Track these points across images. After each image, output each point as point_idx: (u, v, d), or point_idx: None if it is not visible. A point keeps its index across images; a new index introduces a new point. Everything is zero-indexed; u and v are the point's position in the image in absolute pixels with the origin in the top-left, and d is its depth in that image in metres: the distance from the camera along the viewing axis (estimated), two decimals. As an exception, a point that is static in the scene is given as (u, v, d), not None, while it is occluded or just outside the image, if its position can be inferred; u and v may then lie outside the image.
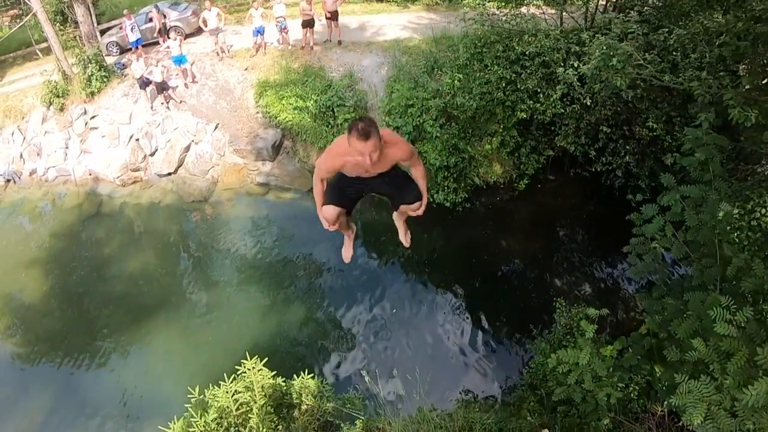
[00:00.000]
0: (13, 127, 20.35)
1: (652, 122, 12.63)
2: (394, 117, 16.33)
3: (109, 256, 16.74)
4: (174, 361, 13.81)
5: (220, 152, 18.73)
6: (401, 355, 13.26)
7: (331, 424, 7.83)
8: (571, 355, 7.36)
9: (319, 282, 15.04)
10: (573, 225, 16.03)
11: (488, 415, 7.41)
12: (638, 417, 7.75)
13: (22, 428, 12.99)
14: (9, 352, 14.61)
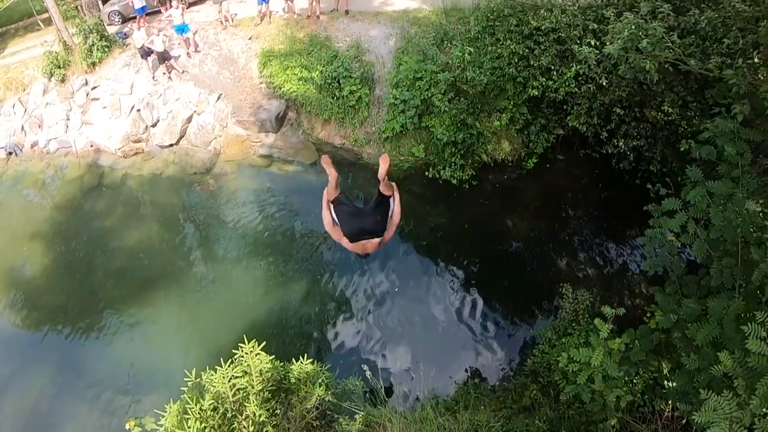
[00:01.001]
0: (14, 99, 20.12)
1: (667, 106, 12.20)
2: (401, 90, 15.99)
3: (111, 229, 16.64)
4: (174, 336, 13.81)
5: (222, 123, 18.41)
6: (403, 331, 13.20)
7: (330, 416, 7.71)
8: (583, 355, 7.15)
9: (321, 255, 14.93)
10: (580, 206, 15.75)
11: (495, 417, 7.22)
12: (645, 417, 7.60)
13: (24, 400, 13.07)
14: (11, 325, 14.65)
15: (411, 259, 14.65)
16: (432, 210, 15.66)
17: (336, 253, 14.76)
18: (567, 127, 14.97)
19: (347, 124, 17.16)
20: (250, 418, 7.12)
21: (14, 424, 12.77)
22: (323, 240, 15.13)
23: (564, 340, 10.25)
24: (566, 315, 10.95)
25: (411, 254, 14.76)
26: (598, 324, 7.22)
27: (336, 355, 12.97)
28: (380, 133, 16.59)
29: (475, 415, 7.14)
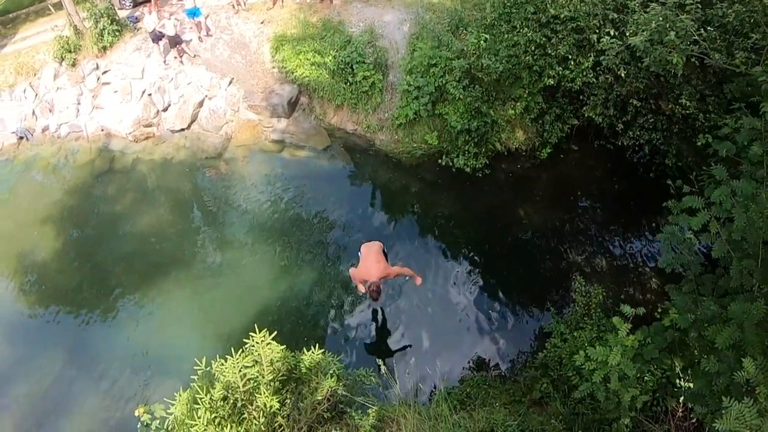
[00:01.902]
0: (25, 83, 20.10)
1: (685, 99, 11.92)
2: (415, 76, 15.79)
3: (122, 213, 16.65)
4: (185, 321, 13.83)
5: (234, 108, 18.30)
6: (414, 319, 13.13)
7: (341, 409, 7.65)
8: (600, 353, 7.03)
9: (332, 241, 14.85)
10: (593, 198, 15.55)
11: (510, 415, 7.15)
12: (658, 417, 7.50)
13: (35, 384, 13.17)
14: (23, 309, 14.74)
15: (422, 248, 14.54)
16: (444, 198, 15.52)
17: (347, 239, 14.71)
18: (582, 118, 14.71)
19: (360, 110, 17.00)
20: (260, 409, 7.07)
21: (26, 407, 12.86)
22: (335, 226, 15.10)
23: (576, 334, 10.15)
24: (578, 309, 10.84)
25: (423, 242, 14.65)
26: (617, 323, 7.09)
27: (347, 344, 12.92)
28: (393, 119, 16.41)
29: (492, 413, 7.04)
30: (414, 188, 15.85)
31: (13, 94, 20.00)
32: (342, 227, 15.05)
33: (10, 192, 17.82)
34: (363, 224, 15.06)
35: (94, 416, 12.48)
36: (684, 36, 8.81)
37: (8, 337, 14.26)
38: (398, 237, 14.82)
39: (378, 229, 14.95)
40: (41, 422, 12.51)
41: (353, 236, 14.74)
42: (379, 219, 15.26)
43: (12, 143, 19.18)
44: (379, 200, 15.59)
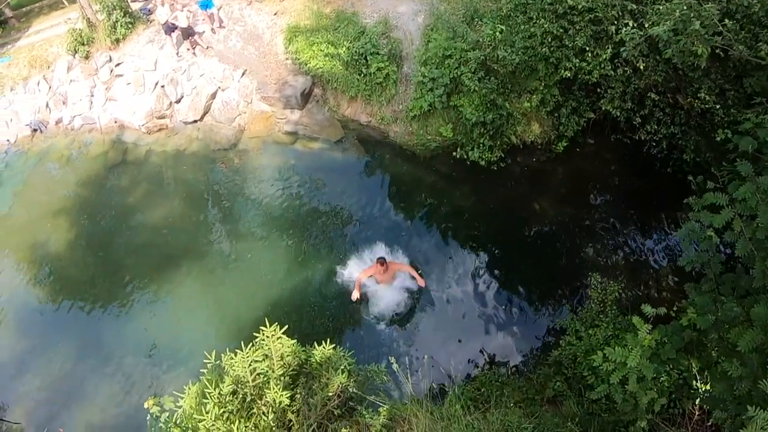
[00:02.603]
0: (39, 76, 20.16)
1: (704, 93, 11.63)
2: (430, 67, 15.57)
3: (134, 205, 16.69)
4: (196, 313, 13.88)
5: (247, 99, 18.19)
6: (426, 313, 13.11)
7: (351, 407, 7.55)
8: (619, 354, 6.85)
9: (345, 234, 14.78)
10: (610, 193, 15.31)
11: (525, 417, 7.00)
12: (674, 420, 7.31)
13: (47, 375, 13.34)
14: (37, 301, 14.86)
15: (436, 241, 14.42)
16: (458, 191, 15.37)
17: (360, 232, 14.65)
18: (599, 111, 14.42)
19: (374, 101, 16.81)
20: (269, 404, 6.98)
21: (39, 398, 13.00)
22: (348, 219, 15.01)
23: (591, 331, 9.99)
24: (594, 305, 10.68)
25: (436, 236, 14.52)
26: (637, 323, 6.90)
27: (359, 339, 12.90)
28: (407, 111, 16.23)
29: (506, 415, 6.90)
30: (428, 181, 15.70)
31: (26, 86, 20.08)
32: (355, 220, 14.96)
33: (24, 184, 17.90)
34: (376, 217, 14.97)
35: (105, 407, 12.60)
36: (709, 26, 8.52)
37: (22, 328, 14.39)
38: (411, 230, 14.70)
39: (391, 223, 14.86)
40: (54, 413, 12.63)
41: (366, 229, 14.69)
42: (393, 212, 15.14)
43: (26, 135, 19.24)
44: (392, 193, 15.46)
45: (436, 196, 15.34)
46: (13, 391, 13.24)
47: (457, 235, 14.43)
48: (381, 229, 14.66)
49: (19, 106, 19.68)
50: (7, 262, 15.84)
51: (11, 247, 16.22)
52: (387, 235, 14.44)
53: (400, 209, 15.20)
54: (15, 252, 16.04)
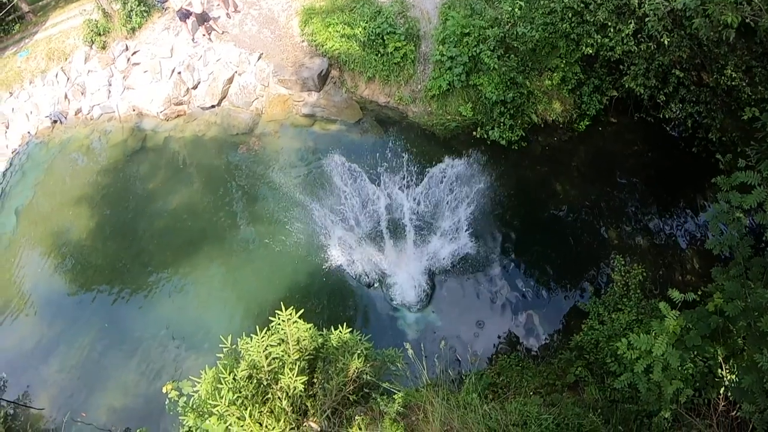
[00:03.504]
0: (57, 68, 20.25)
1: (730, 70, 11.18)
2: (448, 46, 15.29)
3: (154, 191, 16.80)
4: (217, 297, 14.00)
5: (264, 83, 18.06)
6: (445, 296, 13.04)
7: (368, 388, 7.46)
8: (644, 342, 6.60)
9: (365, 218, 14.64)
10: (632, 173, 14.95)
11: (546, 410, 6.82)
12: (699, 410, 7.04)
13: (70, 359, 13.60)
14: (59, 288, 15.11)
15: (455, 222, 14.15)
16: (479, 170, 15.05)
17: (380, 216, 14.48)
18: (621, 89, 14.07)
19: (392, 81, 16.59)
20: (284, 389, 6.93)
21: (61, 382, 13.28)
22: (367, 202, 14.83)
23: (614, 316, 9.73)
24: (617, 289, 10.42)
25: (456, 213, 14.25)
26: (664, 309, 6.63)
27: (376, 323, 12.89)
28: (426, 91, 16.00)
29: (525, 405, 6.74)
30: (448, 161, 15.46)
31: (45, 79, 20.22)
32: (375, 203, 14.75)
33: (45, 174, 18.07)
34: (395, 200, 14.74)
35: (127, 392, 12.81)
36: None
37: (46, 315, 14.63)
38: (432, 212, 14.52)
39: (412, 204, 14.64)
40: (76, 398, 12.88)
41: (386, 212, 14.49)
42: (412, 193, 14.91)
43: (46, 127, 19.38)
44: (412, 174, 15.26)
45: (456, 177, 15.07)
46: (36, 376, 13.51)
47: (476, 216, 14.18)
48: (402, 212, 14.46)
49: (38, 99, 19.84)
50: (31, 251, 16.07)
51: (35, 236, 16.44)
52: (408, 217, 14.26)
53: (420, 191, 14.93)
54: (38, 241, 16.26)
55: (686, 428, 6.89)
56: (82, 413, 12.36)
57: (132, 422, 11.79)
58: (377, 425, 6.77)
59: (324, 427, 7.03)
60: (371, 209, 14.65)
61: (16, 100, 20.13)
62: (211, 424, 6.68)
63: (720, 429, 6.61)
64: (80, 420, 12.13)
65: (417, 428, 6.77)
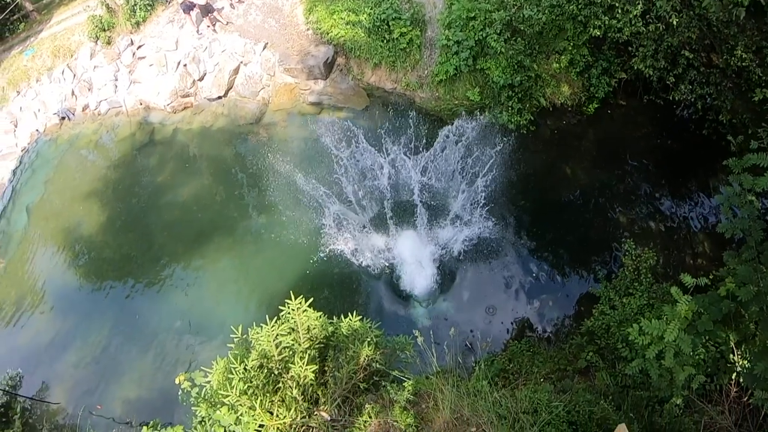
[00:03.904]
0: (63, 65, 20.32)
1: (740, 51, 11.00)
2: (454, 30, 15.18)
3: (163, 184, 16.88)
4: (228, 288, 14.09)
5: (270, 72, 18.04)
6: (455, 280, 13.02)
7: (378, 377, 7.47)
8: (655, 327, 6.53)
9: (374, 205, 14.72)
10: (642, 156, 14.80)
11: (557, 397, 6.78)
12: (711, 397, 6.98)
13: (85, 352, 13.74)
14: (73, 282, 15.22)
15: (465, 207, 14.15)
16: (488, 154, 14.95)
17: (390, 203, 14.34)
18: (630, 71, 13.95)
19: (398, 67, 16.51)
20: (295, 378, 6.95)
21: (75, 376, 13.40)
22: (376, 189, 14.81)
23: (625, 300, 9.66)
24: (627, 273, 10.33)
25: (465, 202, 14.21)
26: (676, 294, 6.54)
27: (386, 311, 12.91)
28: (433, 76, 15.92)
29: (535, 392, 6.71)
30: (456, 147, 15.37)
31: (51, 76, 20.30)
32: (383, 189, 14.70)
33: (55, 171, 18.18)
34: (404, 186, 14.71)
35: (141, 383, 12.92)
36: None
37: (60, 310, 14.77)
38: (442, 197, 14.52)
39: (422, 190, 14.57)
40: (92, 391, 12.99)
41: (396, 197, 14.50)
42: (421, 179, 14.84)
43: (54, 124, 19.47)
44: (420, 160, 15.20)
45: (464, 162, 14.98)
46: (52, 371, 13.65)
47: (485, 200, 14.05)
48: (411, 197, 14.41)
49: (45, 96, 19.94)
50: (43, 247, 16.20)
51: (46, 232, 16.56)
52: (415, 201, 14.19)
53: (429, 177, 14.90)
54: (50, 237, 16.37)
55: (698, 415, 6.83)
56: (98, 406, 12.48)
57: (146, 414, 11.86)
58: (387, 413, 6.75)
59: (334, 416, 7.05)
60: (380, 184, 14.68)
61: (24, 99, 20.23)
62: (222, 414, 6.72)
63: (732, 416, 6.55)
64: (95, 413, 12.24)
65: (427, 416, 6.75)
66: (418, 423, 6.62)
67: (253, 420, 6.67)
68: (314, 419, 6.98)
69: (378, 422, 6.76)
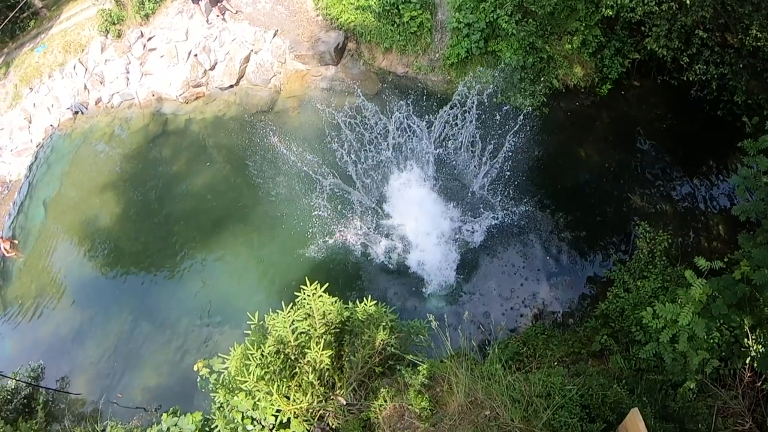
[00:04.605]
0: (75, 60, 20.48)
1: (755, 30, 10.80)
2: (464, 13, 15.02)
3: (178, 173, 17.00)
4: (244, 274, 14.25)
5: (281, 60, 18.03)
6: (469, 263, 13.01)
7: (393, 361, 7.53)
8: (669, 311, 6.51)
9: (388, 189, 14.64)
10: (656, 137, 14.63)
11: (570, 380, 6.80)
12: (725, 381, 6.94)
13: (105, 341, 14.01)
14: (92, 274, 15.50)
15: (477, 190, 14.20)
16: (501, 137, 14.82)
17: (404, 186, 14.39)
18: (643, 51, 13.78)
19: (409, 51, 16.47)
20: (311, 363, 7.04)
21: (96, 365, 13.68)
22: (389, 174, 14.78)
23: (639, 283, 9.62)
24: (642, 256, 10.28)
25: (479, 182, 14.25)
26: (690, 278, 6.50)
27: (400, 292, 12.95)
28: (444, 59, 15.86)
29: (549, 376, 6.73)
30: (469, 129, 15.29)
31: (63, 71, 20.47)
32: (396, 174, 14.67)
33: (70, 164, 18.38)
34: (418, 170, 14.63)
35: (161, 371, 13.14)
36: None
37: (78, 300, 15.06)
38: (454, 180, 14.50)
39: (434, 175, 14.59)
40: (112, 380, 13.27)
41: (409, 182, 14.38)
42: (436, 162, 14.81)
43: (68, 118, 19.65)
44: (433, 144, 15.15)
45: (477, 144, 14.91)
46: (73, 361, 13.95)
47: (498, 183, 14.09)
48: (426, 182, 14.40)
49: (58, 92, 20.11)
50: (61, 240, 16.46)
51: (64, 225, 16.81)
52: (434, 187, 14.30)
53: (443, 159, 14.88)
54: (68, 230, 16.63)
55: (711, 399, 6.81)
56: (119, 394, 12.74)
57: (166, 401, 12.08)
58: (402, 397, 6.82)
59: (350, 400, 7.13)
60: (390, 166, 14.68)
61: (37, 95, 20.45)
62: (240, 400, 6.83)
63: (745, 400, 6.52)
64: (116, 401, 12.47)
65: (441, 399, 6.80)
66: (433, 406, 6.69)
67: (270, 405, 6.78)
68: (330, 403, 7.09)
69: (393, 406, 6.84)
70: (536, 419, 6.10)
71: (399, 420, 6.74)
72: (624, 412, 6.32)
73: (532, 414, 6.18)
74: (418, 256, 13.23)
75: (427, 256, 13.12)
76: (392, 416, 6.78)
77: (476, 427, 6.19)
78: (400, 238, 13.70)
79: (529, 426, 6.08)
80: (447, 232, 13.42)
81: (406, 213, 13.88)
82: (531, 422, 6.10)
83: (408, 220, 13.80)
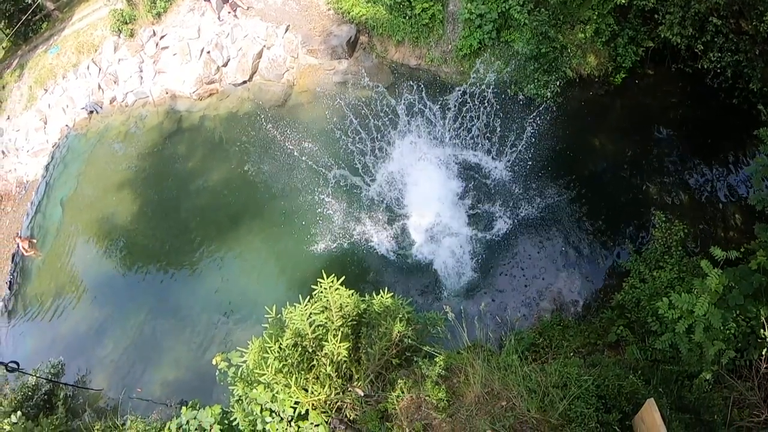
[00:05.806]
0: (88, 60, 20.65)
1: (770, 17, 10.72)
2: (476, 4, 14.97)
3: (194, 170, 17.12)
4: (261, 268, 14.37)
5: (293, 54, 18.08)
6: (484, 253, 13.00)
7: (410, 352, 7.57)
8: (685, 301, 6.49)
9: (402, 181, 14.61)
10: (671, 126, 14.52)
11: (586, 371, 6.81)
12: (740, 372, 6.90)
13: (124, 338, 14.21)
14: (110, 270, 15.68)
15: (492, 180, 14.21)
16: (515, 128, 14.77)
17: (422, 177, 14.41)
18: (657, 39, 13.60)
19: (422, 43, 16.47)
20: (328, 356, 7.11)
21: (116, 361, 13.88)
22: (407, 165, 14.76)
23: (655, 274, 9.57)
24: (657, 246, 10.22)
25: (493, 173, 14.33)
26: (706, 267, 6.48)
27: (417, 284, 12.98)
28: (457, 50, 15.84)
29: (565, 366, 6.75)
30: (483, 119, 15.23)
31: (77, 72, 20.65)
32: (413, 166, 14.66)
33: (86, 164, 18.59)
34: (432, 161, 14.67)
35: (180, 365, 13.33)
36: None
37: (97, 297, 15.28)
38: (469, 170, 14.49)
39: (449, 165, 14.61)
40: (132, 375, 13.48)
41: (421, 174, 14.42)
42: (453, 153, 14.86)
43: (83, 118, 19.87)
44: (451, 134, 15.12)
45: (491, 135, 14.89)
46: (93, 357, 14.16)
47: (512, 174, 14.12)
48: (443, 172, 14.44)
49: (72, 92, 20.32)
50: (79, 238, 16.69)
51: (81, 223, 17.03)
52: (443, 176, 14.30)
53: (458, 150, 14.91)
54: (85, 228, 16.85)
55: (727, 390, 6.77)
56: (138, 389, 12.88)
57: (185, 394, 12.18)
58: (419, 388, 6.87)
59: (368, 392, 7.18)
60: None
61: (52, 96, 20.67)
62: (258, 392, 6.90)
63: (761, 391, 6.48)
64: (136, 396, 12.63)
65: (458, 390, 6.83)
66: (450, 397, 6.73)
67: (288, 397, 6.85)
68: (348, 395, 7.15)
69: (410, 397, 6.89)
70: (552, 410, 6.13)
71: (416, 411, 6.79)
72: (640, 403, 6.33)
73: (548, 404, 6.21)
74: (434, 248, 13.25)
75: (443, 249, 13.12)
76: (409, 407, 6.83)
77: (493, 418, 6.23)
78: (416, 230, 13.71)
79: (545, 416, 6.11)
80: (463, 226, 13.42)
81: (422, 205, 13.89)
82: (547, 412, 6.13)
83: (424, 212, 13.80)
